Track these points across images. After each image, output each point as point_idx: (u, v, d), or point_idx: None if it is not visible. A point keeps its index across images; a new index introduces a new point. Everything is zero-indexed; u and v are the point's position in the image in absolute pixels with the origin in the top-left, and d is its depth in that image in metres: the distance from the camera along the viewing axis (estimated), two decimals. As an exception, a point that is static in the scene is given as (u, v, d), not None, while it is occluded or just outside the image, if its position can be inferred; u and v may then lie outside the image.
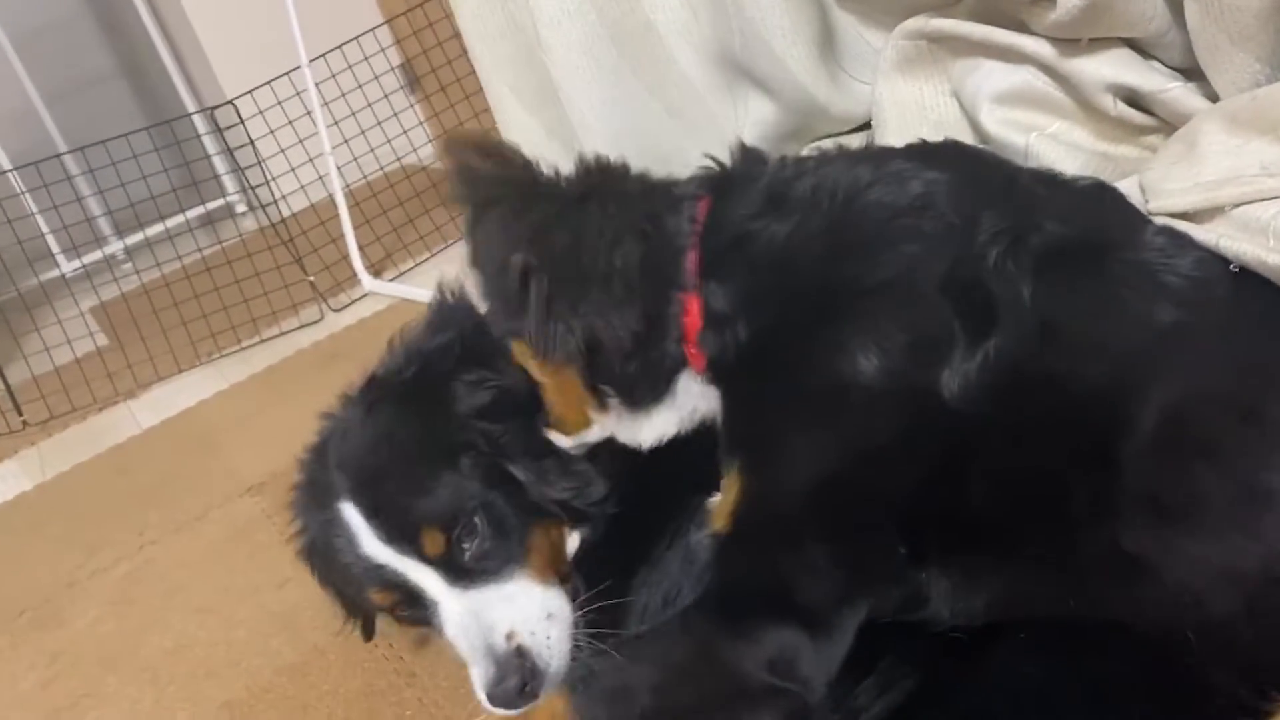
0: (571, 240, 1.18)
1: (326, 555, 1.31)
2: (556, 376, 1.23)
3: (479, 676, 1.15)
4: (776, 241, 1.15)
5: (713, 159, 1.29)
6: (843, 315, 1.09)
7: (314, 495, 1.33)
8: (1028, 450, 1.03)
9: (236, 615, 1.86)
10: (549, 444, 1.29)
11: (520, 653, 1.14)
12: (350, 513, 1.23)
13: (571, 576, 1.30)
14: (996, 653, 0.99)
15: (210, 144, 3.98)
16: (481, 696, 1.15)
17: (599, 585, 1.29)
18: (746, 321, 1.14)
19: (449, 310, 1.37)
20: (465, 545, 1.20)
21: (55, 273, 3.84)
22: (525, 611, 1.18)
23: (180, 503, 2.33)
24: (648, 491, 1.31)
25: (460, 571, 1.20)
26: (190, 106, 4.35)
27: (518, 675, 1.12)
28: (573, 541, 1.33)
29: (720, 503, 1.13)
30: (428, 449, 1.25)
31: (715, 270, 1.17)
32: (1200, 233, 1.10)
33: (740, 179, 1.25)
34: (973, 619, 1.03)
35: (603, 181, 1.27)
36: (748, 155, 1.30)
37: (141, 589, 2.06)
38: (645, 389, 1.22)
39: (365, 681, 1.59)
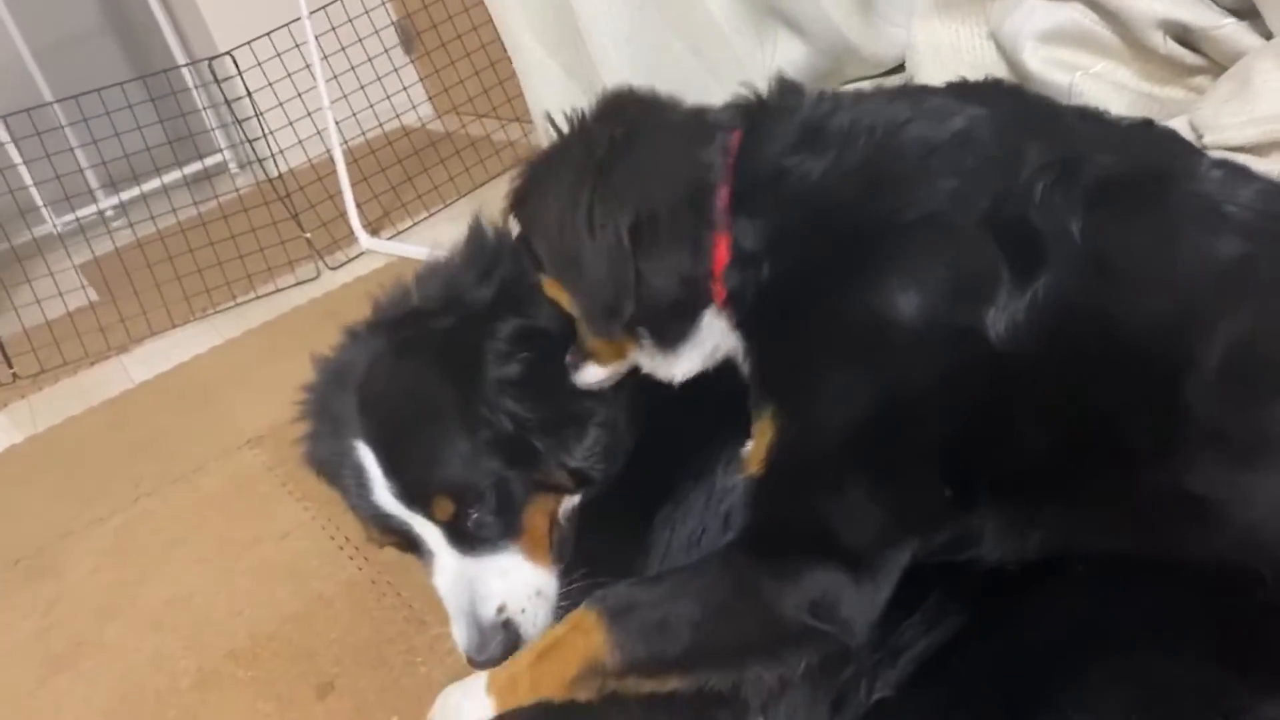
0: (630, 182, 1.12)
1: (332, 476, 1.30)
2: None
3: (461, 636, 1.20)
4: (810, 178, 1.10)
5: (748, 88, 1.24)
6: (878, 252, 1.04)
7: (327, 414, 1.29)
8: (1084, 389, 0.98)
9: (238, 565, 1.82)
10: (569, 413, 1.26)
11: (507, 625, 1.19)
12: (366, 457, 1.22)
13: (562, 539, 1.29)
14: (1048, 586, 0.94)
15: (205, 98, 3.90)
16: (462, 651, 1.20)
17: (615, 524, 1.27)
18: (771, 260, 1.10)
19: (491, 252, 1.31)
20: (471, 513, 1.21)
21: (48, 227, 3.77)
22: (517, 588, 1.22)
23: (176, 455, 2.28)
24: (668, 427, 1.27)
25: (461, 535, 1.22)
26: (181, 61, 4.26)
27: (501, 647, 1.18)
28: (573, 500, 1.31)
29: (754, 448, 1.09)
30: (452, 416, 1.22)
31: (745, 207, 1.12)
32: (1261, 165, 1.07)
33: (775, 111, 1.19)
34: (1024, 558, 0.99)
35: (640, 114, 1.21)
36: (784, 87, 1.24)
37: (139, 540, 2.01)
38: (676, 328, 1.18)
39: (374, 629, 1.55)
